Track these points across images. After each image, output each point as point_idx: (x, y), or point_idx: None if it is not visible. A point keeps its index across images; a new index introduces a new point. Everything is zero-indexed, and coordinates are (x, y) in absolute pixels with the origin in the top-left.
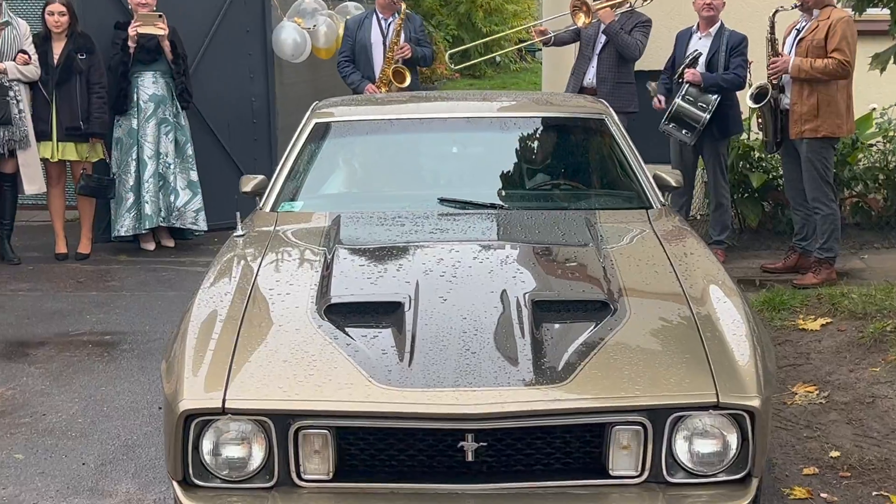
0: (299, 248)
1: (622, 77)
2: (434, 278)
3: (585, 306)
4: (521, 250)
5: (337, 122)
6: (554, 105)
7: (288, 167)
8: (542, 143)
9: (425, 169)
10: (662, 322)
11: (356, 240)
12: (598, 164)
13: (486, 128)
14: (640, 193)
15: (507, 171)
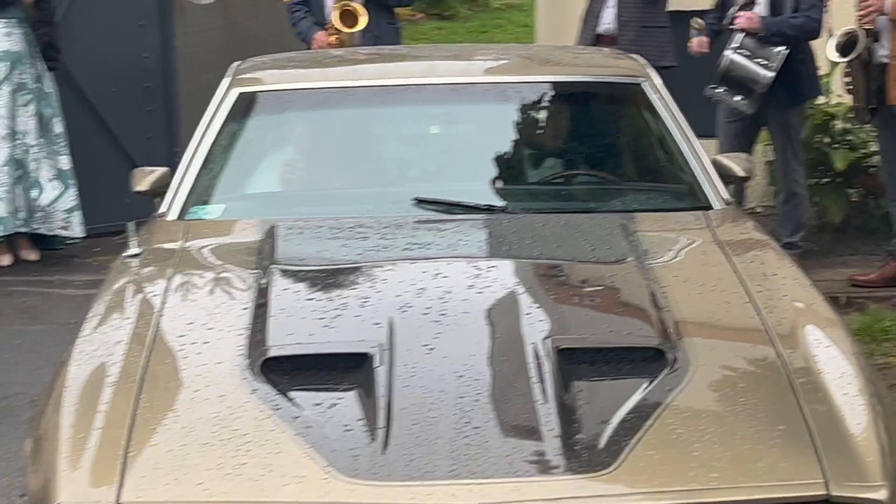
0: (219, 273)
1: (652, 19)
2: (414, 317)
3: (631, 356)
4: (534, 273)
5: (268, 91)
6: (570, 65)
7: (200, 156)
8: (556, 119)
9: (395, 157)
10: (741, 377)
11: (301, 260)
12: (636, 147)
13: (478, 99)
14: (696, 188)
15: (509, 159)
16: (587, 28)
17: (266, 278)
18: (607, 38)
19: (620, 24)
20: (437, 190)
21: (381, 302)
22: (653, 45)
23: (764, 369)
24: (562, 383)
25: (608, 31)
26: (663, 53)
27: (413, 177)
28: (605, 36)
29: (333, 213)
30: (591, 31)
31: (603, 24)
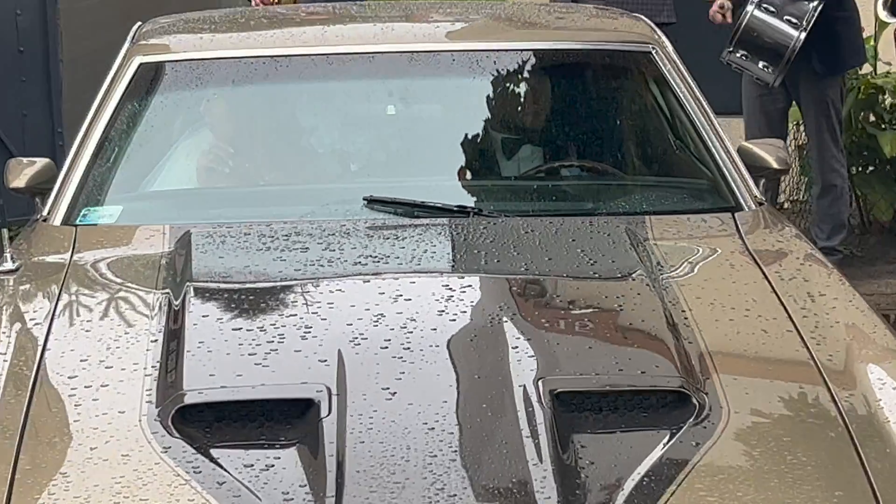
0: (119, 294)
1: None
2: (370, 352)
3: (646, 401)
4: (521, 293)
5: (178, 61)
6: (559, 28)
7: (92, 143)
8: (543, 97)
9: (340, 146)
10: (786, 426)
11: (223, 277)
12: (644, 131)
13: (446, 71)
14: (720, 184)
15: (485, 147)
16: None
17: (179, 301)
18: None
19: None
20: (395, 187)
21: (327, 332)
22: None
23: (814, 417)
24: (559, 438)
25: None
26: (658, 7)
27: (364, 170)
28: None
29: (264, 217)
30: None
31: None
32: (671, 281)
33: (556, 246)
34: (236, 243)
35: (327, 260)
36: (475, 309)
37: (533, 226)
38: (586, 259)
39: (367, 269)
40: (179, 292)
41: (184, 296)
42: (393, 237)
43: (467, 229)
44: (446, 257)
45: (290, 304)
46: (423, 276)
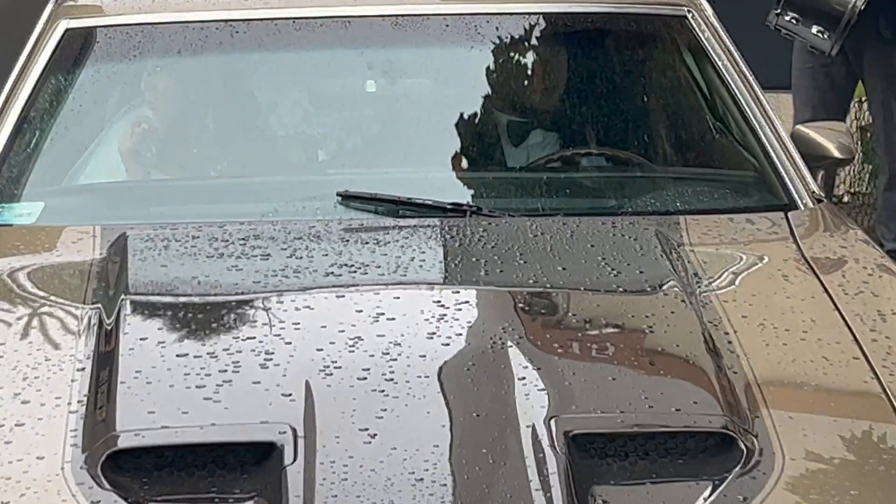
0: (37, 310)
1: None
2: (345, 384)
3: (683, 445)
4: (528, 310)
5: (112, 27)
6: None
7: (7, 125)
8: (556, 71)
9: (309, 130)
10: (854, 474)
11: (166, 290)
12: (677, 112)
13: (438, 40)
14: (771, 176)
15: (485, 132)
16: None
17: (112, 319)
18: None
19: None
20: (376, 180)
21: (292, 359)
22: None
23: (886, 463)
24: (576, 491)
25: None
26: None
27: (338, 160)
28: None
29: (216, 216)
30: None
31: None
32: (711, 295)
33: (572, 252)
34: (182, 249)
35: (293, 270)
36: (473, 330)
37: (543, 227)
38: (608, 268)
39: (341, 281)
40: (112, 308)
41: (118, 312)
42: (373, 241)
43: (464, 231)
44: (438, 266)
45: (247, 324)
46: (409, 289)
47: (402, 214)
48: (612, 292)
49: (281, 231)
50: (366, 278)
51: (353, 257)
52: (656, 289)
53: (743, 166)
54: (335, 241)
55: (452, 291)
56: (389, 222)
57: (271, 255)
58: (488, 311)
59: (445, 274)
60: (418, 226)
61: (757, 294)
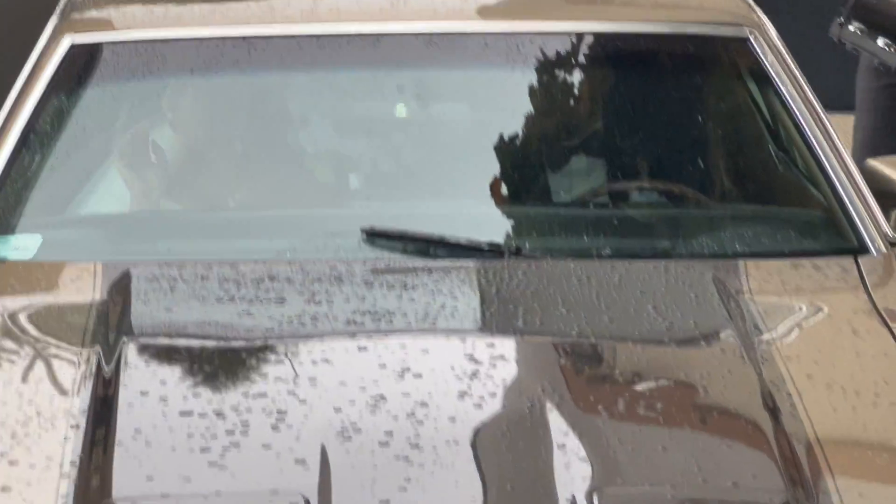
0: (30, 359)
1: None
2: (365, 450)
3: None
4: (570, 365)
5: (119, 43)
6: (626, 3)
7: (7, 148)
8: (603, 97)
9: (332, 158)
10: None
11: (169, 337)
12: (736, 144)
13: (475, 58)
14: (839, 216)
15: (525, 163)
16: None
17: (111, 367)
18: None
19: None
20: (404, 215)
21: (307, 420)
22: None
23: None
24: None
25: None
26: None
27: (363, 192)
28: None
29: (228, 253)
30: None
31: None
32: (773, 351)
33: (620, 300)
34: (190, 290)
35: (310, 317)
36: (508, 389)
37: (589, 271)
38: (659, 318)
39: (363, 331)
40: (112, 355)
41: (118, 361)
42: (400, 285)
43: (500, 275)
44: (471, 315)
45: (258, 379)
46: (438, 341)
47: (433, 254)
48: (662, 346)
49: (298, 272)
50: (391, 328)
51: (378, 303)
52: (712, 342)
53: (809, 204)
54: (358, 285)
55: (486, 344)
56: (419, 263)
57: (287, 300)
58: (525, 366)
59: (479, 324)
60: (450, 268)
61: (823, 350)
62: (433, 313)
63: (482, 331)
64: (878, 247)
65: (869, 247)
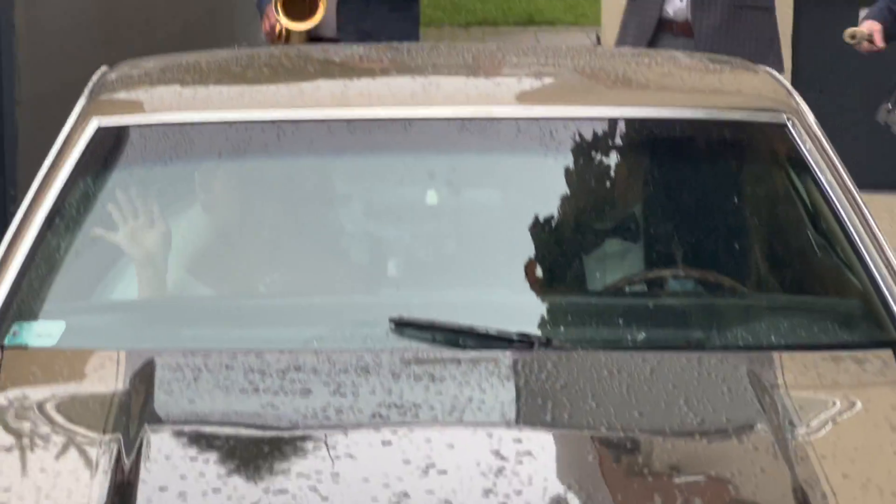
0: (48, 449)
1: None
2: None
3: None
4: (600, 461)
5: (149, 126)
6: (659, 88)
7: (32, 230)
8: (636, 183)
9: (360, 245)
10: None
11: (191, 428)
12: (773, 231)
13: (508, 144)
14: (877, 306)
15: (559, 251)
16: (644, 10)
17: (131, 460)
18: (678, 25)
19: (697, 2)
20: (433, 304)
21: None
22: (748, 35)
23: None
24: None
25: (681, 13)
26: (765, 51)
27: (392, 280)
28: (674, 22)
29: (254, 342)
30: (650, 12)
31: (674, 3)
32: (808, 448)
33: (652, 393)
34: (214, 381)
35: (335, 409)
36: (534, 487)
37: (620, 363)
38: (691, 413)
39: (388, 424)
40: (132, 447)
41: (137, 453)
42: (427, 377)
43: (530, 367)
44: (498, 409)
45: (280, 475)
46: (465, 435)
47: (462, 344)
48: (693, 441)
49: (325, 362)
50: (416, 421)
51: (404, 396)
52: (744, 438)
53: (846, 294)
54: (385, 376)
55: (513, 439)
56: (447, 354)
57: (312, 392)
58: (552, 463)
59: (506, 418)
60: (479, 359)
61: (860, 448)
62: (460, 406)
63: (509, 425)
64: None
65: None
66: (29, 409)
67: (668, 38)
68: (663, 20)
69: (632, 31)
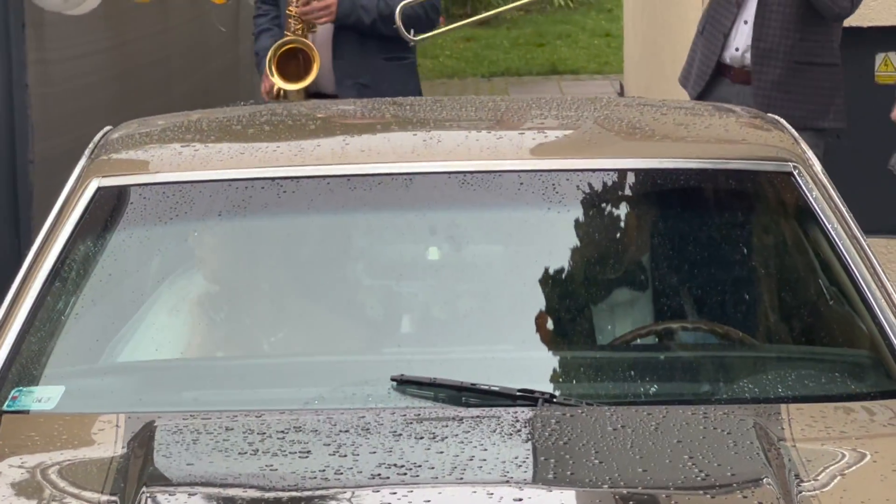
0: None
1: (813, 49)
2: None
3: None
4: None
5: (149, 185)
6: (668, 138)
7: (32, 293)
8: (642, 235)
9: (361, 303)
10: None
11: (188, 488)
12: (778, 281)
13: (510, 198)
14: (887, 356)
15: (561, 306)
16: (707, 50)
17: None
18: (735, 72)
19: (758, 55)
20: (435, 361)
21: None
22: (808, 90)
23: None
24: None
25: (737, 60)
26: (823, 109)
27: (394, 338)
28: (732, 67)
29: (254, 403)
30: (711, 55)
31: (730, 49)
32: (813, 501)
33: (656, 448)
34: (213, 443)
35: (334, 471)
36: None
37: (624, 419)
38: (695, 468)
39: (388, 484)
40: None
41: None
42: (428, 436)
43: (532, 424)
44: (499, 468)
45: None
46: (465, 495)
47: (464, 402)
48: (697, 497)
49: (325, 422)
50: (417, 481)
51: (405, 455)
52: (748, 494)
53: (854, 344)
54: (386, 436)
55: (514, 498)
56: (449, 412)
57: (312, 453)
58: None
59: (507, 476)
60: (482, 416)
61: (867, 501)
62: (461, 465)
63: (510, 483)
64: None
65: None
66: (28, 474)
67: (725, 85)
68: (722, 64)
69: (696, 69)
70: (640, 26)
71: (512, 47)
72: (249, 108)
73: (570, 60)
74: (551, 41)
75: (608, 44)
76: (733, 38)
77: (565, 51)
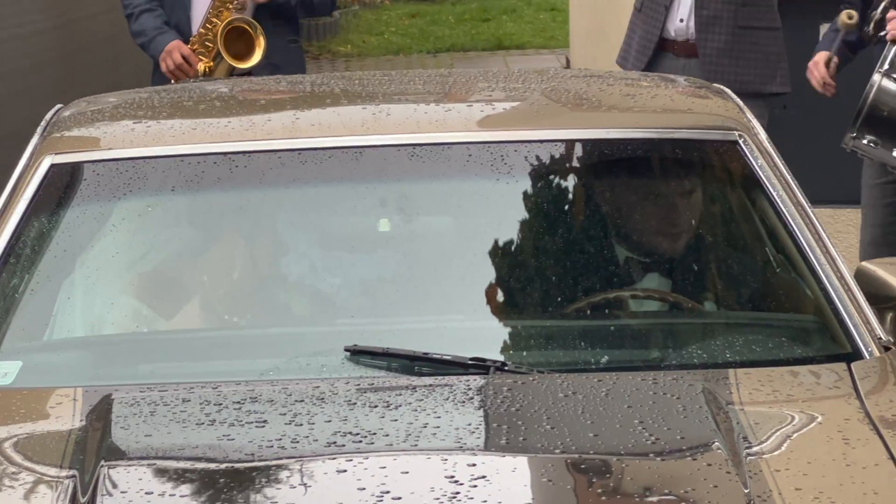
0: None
1: (754, 14)
2: None
3: None
4: (554, 483)
5: (100, 162)
6: (614, 108)
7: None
8: (589, 205)
9: (313, 275)
10: None
11: (146, 463)
12: (725, 248)
13: (459, 171)
14: (831, 320)
15: (510, 275)
16: (647, 25)
17: (88, 494)
18: (679, 45)
19: (702, 23)
20: (388, 332)
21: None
22: (754, 56)
23: None
24: None
25: (681, 33)
26: (770, 73)
27: (346, 309)
28: (675, 41)
29: (210, 374)
30: (652, 30)
31: (674, 22)
32: (761, 463)
33: (606, 414)
34: (170, 414)
35: (290, 439)
36: None
37: (575, 386)
38: (646, 433)
39: (344, 452)
40: (89, 483)
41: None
42: (382, 404)
43: (485, 391)
44: (453, 434)
45: (237, 499)
46: (419, 462)
47: (417, 371)
48: (647, 461)
49: (281, 392)
50: (371, 448)
51: (360, 423)
52: (698, 456)
53: (800, 309)
54: (340, 405)
55: (467, 464)
56: (403, 381)
57: (268, 422)
58: (507, 487)
59: (461, 443)
60: (434, 385)
61: (813, 461)
62: (415, 433)
63: (464, 450)
64: (871, 351)
65: (862, 352)
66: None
67: (668, 60)
68: (665, 40)
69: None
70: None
71: (457, 23)
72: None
73: (515, 35)
74: (497, 16)
75: (553, 18)
76: (676, 10)
77: (511, 26)
